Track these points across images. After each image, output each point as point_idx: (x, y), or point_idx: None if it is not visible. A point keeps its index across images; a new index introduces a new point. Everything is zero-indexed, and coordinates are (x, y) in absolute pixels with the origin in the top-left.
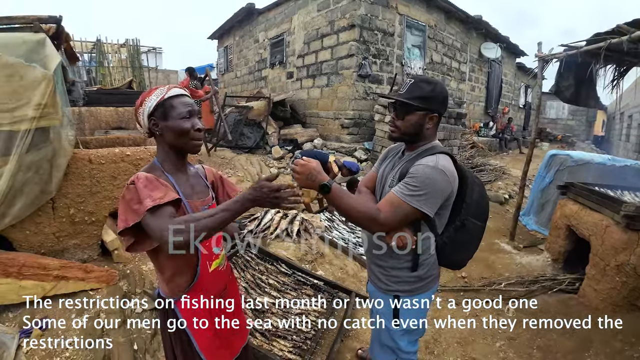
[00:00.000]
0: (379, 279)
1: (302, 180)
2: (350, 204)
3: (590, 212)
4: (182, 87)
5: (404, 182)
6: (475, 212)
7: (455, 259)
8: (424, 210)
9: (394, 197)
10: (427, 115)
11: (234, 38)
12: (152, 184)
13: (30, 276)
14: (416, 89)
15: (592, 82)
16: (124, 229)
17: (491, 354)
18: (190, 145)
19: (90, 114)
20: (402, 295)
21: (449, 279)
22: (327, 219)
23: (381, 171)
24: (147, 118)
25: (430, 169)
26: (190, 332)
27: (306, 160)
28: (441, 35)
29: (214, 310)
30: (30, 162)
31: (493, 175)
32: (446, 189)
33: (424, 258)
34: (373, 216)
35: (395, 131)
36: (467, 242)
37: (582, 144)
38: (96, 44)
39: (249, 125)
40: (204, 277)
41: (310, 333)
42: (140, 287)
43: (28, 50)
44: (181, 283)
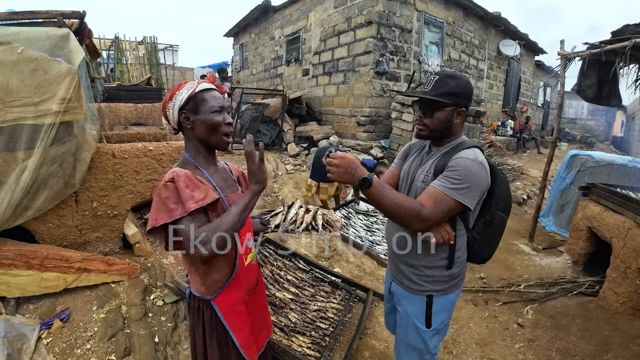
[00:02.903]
0: (409, 279)
1: (340, 174)
2: (393, 199)
3: (613, 213)
4: (211, 82)
5: (445, 175)
6: (503, 206)
7: (483, 254)
8: (467, 204)
9: (436, 191)
10: (455, 111)
11: (249, 35)
12: (192, 182)
13: (52, 268)
14: (442, 85)
15: (616, 81)
16: (152, 228)
17: (510, 356)
18: (221, 140)
19: (109, 110)
20: (436, 295)
21: (467, 280)
22: (344, 216)
23: (406, 167)
24: (178, 111)
25: (471, 161)
26: (230, 328)
27: (343, 153)
28: (459, 32)
29: (250, 305)
30: (54, 155)
31: (511, 175)
32: (485, 183)
33: (458, 255)
34: (417, 211)
35: (424, 129)
36: (495, 237)
37: (601, 144)
38: (114, 41)
39: (265, 123)
40: (241, 271)
41: (329, 330)
42: (161, 281)
43: (52, 45)
44: (219, 279)
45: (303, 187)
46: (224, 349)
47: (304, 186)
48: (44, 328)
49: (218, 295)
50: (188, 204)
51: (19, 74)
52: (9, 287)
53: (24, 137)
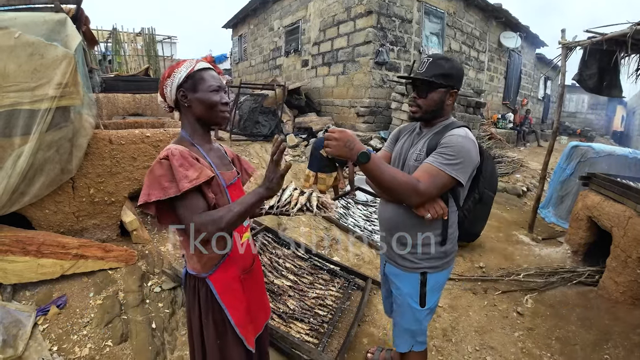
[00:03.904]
0: (403, 258)
1: (339, 147)
2: (391, 174)
3: (613, 203)
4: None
5: (439, 152)
6: (490, 183)
7: (473, 230)
8: (460, 179)
9: (430, 167)
10: (448, 92)
11: (248, 27)
12: (187, 161)
13: (49, 254)
14: (435, 67)
15: (617, 70)
16: (144, 203)
17: (509, 344)
18: (220, 116)
19: (107, 101)
20: (430, 272)
21: (466, 269)
22: (343, 206)
23: (397, 149)
24: (176, 89)
25: (463, 138)
26: (225, 306)
27: (342, 129)
28: (460, 23)
29: (246, 284)
30: (51, 141)
31: (511, 167)
32: (476, 159)
33: (451, 232)
34: (414, 186)
35: (418, 111)
36: (484, 213)
37: (601, 138)
38: (112, 32)
39: (264, 114)
40: (236, 249)
41: (327, 317)
42: (159, 268)
43: (49, 29)
44: (215, 256)
45: (302, 178)
46: (220, 327)
47: (303, 177)
48: (41, 314)
49: (213, 273)
50: (182, 183)
51: (16, 58)
52: (6, 273)
53: (21, 123)
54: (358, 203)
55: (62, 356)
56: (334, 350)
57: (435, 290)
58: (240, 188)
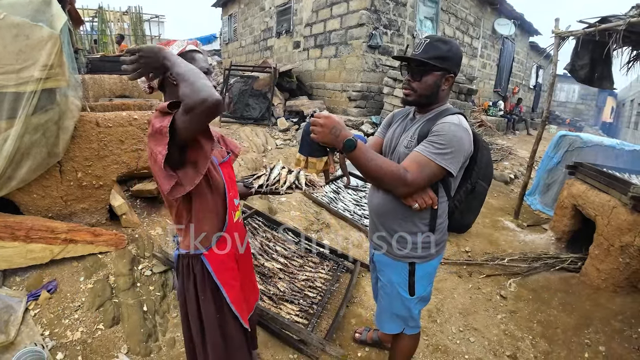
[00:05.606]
0: (391, 246)
1: (324, 134)
2: (377, 162)
3: (598, 192)
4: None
5: (429, 140)
6: (484, 175)
7: (464, 222)
8: (449, 169)
9: (419, 156)
10: (444, 76)
11: (239, 6)
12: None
13: (38, 239)
14: (433, 49)
15: (609, 62)
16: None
17: (492, 326)
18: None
19: (94, 82)
20: (418, 262)
21: (452, 253)
22: (333, 190)
23: (389, 134)
24: None
25: (456, 126)
26: (220, 283)
27: (328, 114)
28: (455, 8)
29: (240, 263)
30: (37, 124)
31: (499, 154)
32: (469, 149)
33: (440, 222)
34: (401, 175)
35: (411, 94)
36: (476, 205)
37: (590, 129)
38: (98, 11)
39: (255, 96)
40: (231, 226)
41: (317, 298)
42: (149, 251)
43: (34, 10)
44: (211, 231)
45: (292, 162)
46: (218, 302)
47: (294, 161)
48: (31, 299)
49: (209, 250)
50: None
51: (1, 40)
52: None
53: (6, 106)
54: (348, 188)
55: (54, 340)
56: (323, 330)
57: (425, 279)
58: (231, 166)
